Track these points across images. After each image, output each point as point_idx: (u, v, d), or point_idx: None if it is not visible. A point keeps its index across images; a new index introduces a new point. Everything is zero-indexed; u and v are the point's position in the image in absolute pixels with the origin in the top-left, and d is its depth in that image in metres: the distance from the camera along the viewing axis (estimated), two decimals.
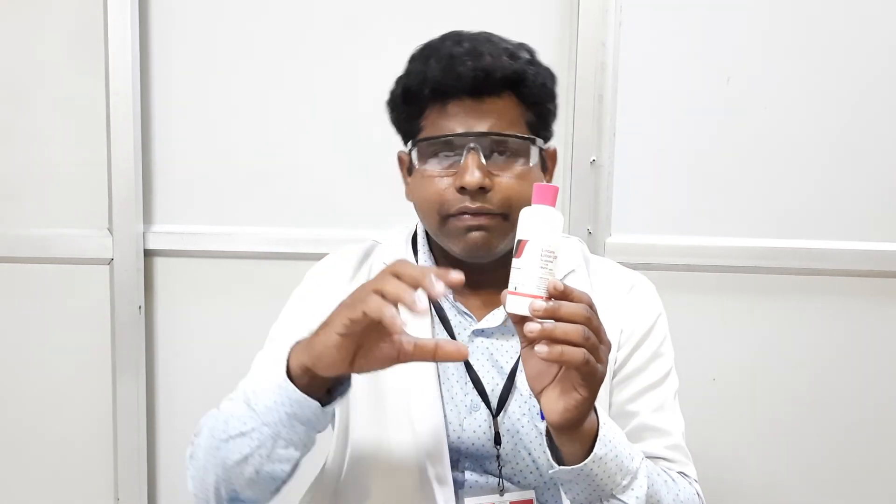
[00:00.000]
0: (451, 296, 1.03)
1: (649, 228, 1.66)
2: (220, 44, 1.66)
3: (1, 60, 1.66)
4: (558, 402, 0.80)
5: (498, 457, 0.99)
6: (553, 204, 0.81)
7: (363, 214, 1.67)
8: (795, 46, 1.61)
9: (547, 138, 1.02)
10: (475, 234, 0.95)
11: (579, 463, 0.83)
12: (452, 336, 1.02)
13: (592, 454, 0.82)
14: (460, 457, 1.00)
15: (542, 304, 0.77)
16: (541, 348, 0.76)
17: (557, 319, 0.77)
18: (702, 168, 1.64)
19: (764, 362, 1.68)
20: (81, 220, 1.69)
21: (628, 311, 1.05)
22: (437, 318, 1.03)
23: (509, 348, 1.02)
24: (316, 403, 0.82)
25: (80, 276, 1.70)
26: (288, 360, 0.83)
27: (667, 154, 1.64)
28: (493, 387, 1.01)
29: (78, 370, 1.73)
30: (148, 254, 1.69)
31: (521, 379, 1.00)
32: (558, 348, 0.76)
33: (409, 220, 1.12)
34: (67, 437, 1.74)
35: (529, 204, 0.96)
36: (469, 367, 1.01)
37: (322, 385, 0.83)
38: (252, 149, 1.68)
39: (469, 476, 1.00)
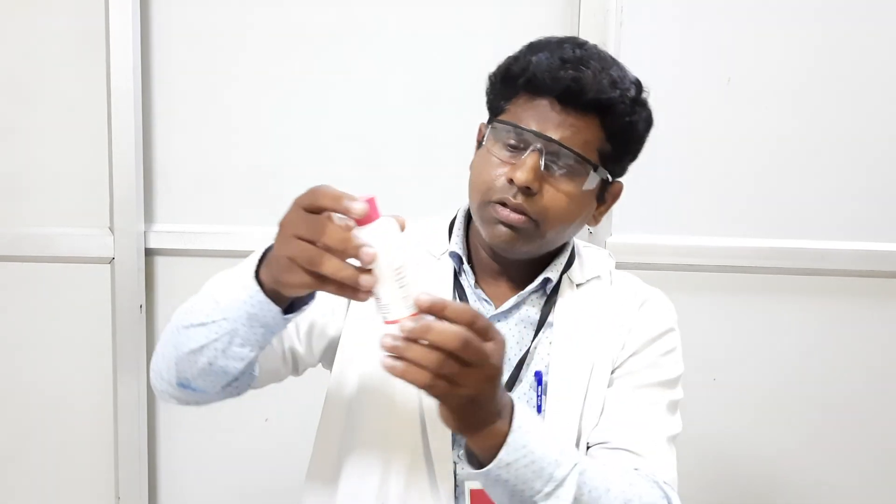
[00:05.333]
0: (472, 280, 1.04)
1: (649, 228, 1.66)
2: (222, 43, 1.66)
3: (3, 60, 1.67)
4: (440, 407, 0.79)
5: None
6: (377, 215, 0.77)
7: None
8: (795, 46, 1.62)
9: (616, 173, 1.03)
10: (503, 230, 0.97)
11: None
12: None
13: (497, 459, 0.80)
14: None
15: (410, 325, 0.71)
16: (385, 360, 0.73)
17: (427, 343, 0.72)
18: (702, 168, 1.65)
19: (764, 362, 1.68)
20: (83, 219, 1.69)
21: (637, 322, 1.06)
22: (458, 301, 1.04)
23: (519, 338, 1.04)
24: (277, 309, 0.82)
25: (82, 275, 1.70)
26: (259, 265, 0.83)
27: (667, 154, 1.64)
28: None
29: (79, 369, 1.73)
30: (149, 253, 1.69)
31: (524, 371, 1.02)
32: (400, 365, 0.72)
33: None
34: (68, 436, 1.75)
35: (566, 222, 0.98)
36: None
37: (287, 296, 0.83)
38: (253, 148, 1.68)
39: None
